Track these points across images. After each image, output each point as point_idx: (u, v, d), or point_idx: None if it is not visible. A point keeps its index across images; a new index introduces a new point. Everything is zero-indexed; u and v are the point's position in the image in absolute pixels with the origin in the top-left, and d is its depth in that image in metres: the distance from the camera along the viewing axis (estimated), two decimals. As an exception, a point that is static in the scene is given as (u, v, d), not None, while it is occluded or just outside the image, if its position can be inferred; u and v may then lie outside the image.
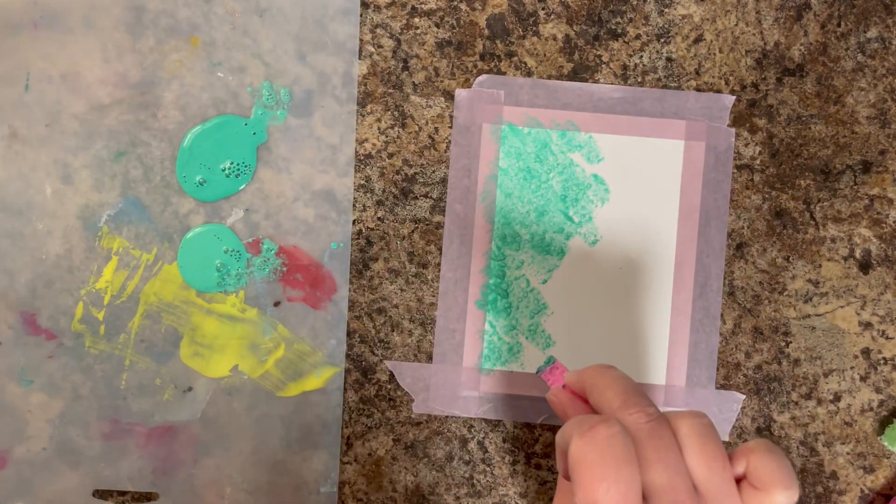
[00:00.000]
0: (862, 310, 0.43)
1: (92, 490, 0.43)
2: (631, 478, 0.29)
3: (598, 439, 0.30)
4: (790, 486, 0.31)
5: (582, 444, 0.30)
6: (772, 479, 0.31)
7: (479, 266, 0.43)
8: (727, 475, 0.31)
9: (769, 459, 0.31)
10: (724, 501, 0.30)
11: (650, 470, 0.30)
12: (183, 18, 0.42)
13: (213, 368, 0.43)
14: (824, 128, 0.43)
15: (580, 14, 0.43)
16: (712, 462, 0.31)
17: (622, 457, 0.29)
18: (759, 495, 0.31)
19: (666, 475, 0.30)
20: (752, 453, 0.32)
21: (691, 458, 0.31)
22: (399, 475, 0.44)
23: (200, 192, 0.42)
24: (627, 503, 0.29)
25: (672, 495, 0.30)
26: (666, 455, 0.31)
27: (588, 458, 0.29)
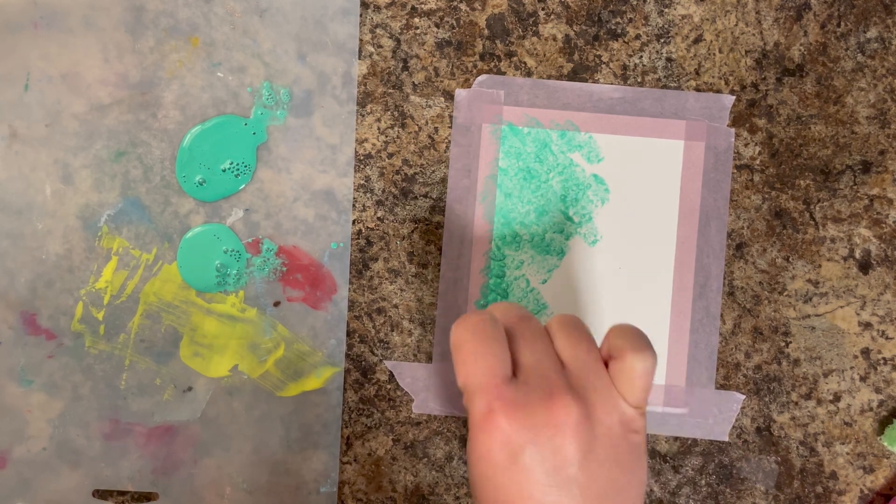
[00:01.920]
0: (862, 310, 0.43)
1: (92, 490, 0.43)
2: (498, 352, 0.33)
3: (469, 323, 0.34)
4: (642, 349, 0.33)
5: (456, 329, 0.34)
6: (625, 346, 0.33)
7: (479, 266, 0.43)
8: (592, 353, 0.34)
9: (623, 331, 0.34)
10: (589, 373, 0.33)
11: (520, 353, 0.34)
12: (183, 18, 0.42)
13: (212, 368, 0.43)
14: (824, 128, 0.43)
15: (580, 14, 0.43)
16: (577, 343, 0.34)
17: (490, 335, 0.33)
18: (619, 364, 0.33)
19: (534, 356, 0.34)
20: (611, 332, 0.34)
21: (558, 343, 0.34)
22: (399, 475, 0.44)
23: (200, 192, 0.42)
24: (495, 375, 0.32)
25: (539, 369, 0.33)
26: (534, 341, 0.34)
27: (461, 339, 0.34)
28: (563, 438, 0.31)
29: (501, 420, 0.31)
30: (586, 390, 0.33)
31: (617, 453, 0.32)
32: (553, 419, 0.31)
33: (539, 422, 0.31)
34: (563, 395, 0.32)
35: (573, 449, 0.31)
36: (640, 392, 0.33)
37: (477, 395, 0.32)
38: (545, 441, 0.31)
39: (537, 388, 0.32)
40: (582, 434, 0.32)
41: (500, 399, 0.32)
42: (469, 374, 0.33)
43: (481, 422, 0.32)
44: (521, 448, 0.31)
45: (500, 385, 0.32)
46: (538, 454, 0.31)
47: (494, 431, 0.31)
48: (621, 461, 0.32)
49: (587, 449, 0.32)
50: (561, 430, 0.31)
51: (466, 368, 0.33)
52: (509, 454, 0.31)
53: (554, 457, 0.31)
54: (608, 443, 0.32)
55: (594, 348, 0.34)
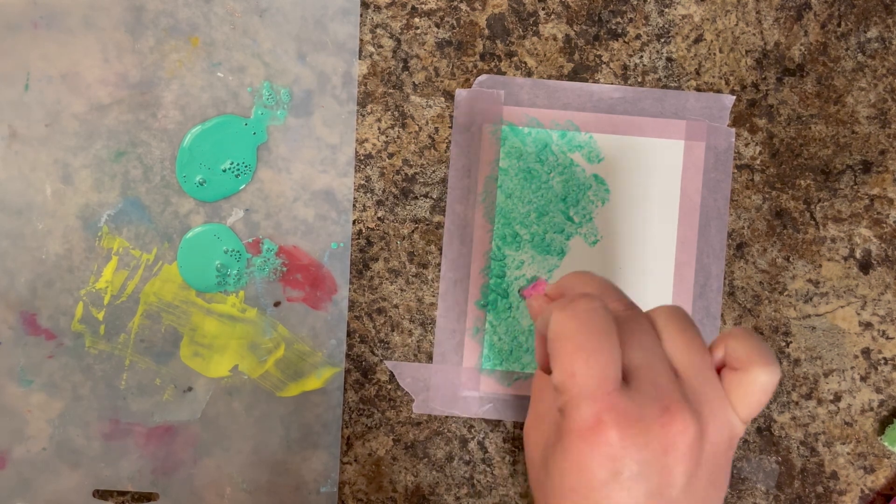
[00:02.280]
0: (862, 310, 0.43)
1: (92, 490, 0.43)
2: (612, 350, 0.29)
3: (579, 311, 0.29)
4: (770, 363, 0.30)
5: (562, 317, 0.29)
6: (750, 358, 0.30)
7: (479, 266, 0.43)
8: (706, 358, 0.30)
9: (746, 339, 0.30)
10: (704, 384, 0.30)
11: (629, 351, 0.30)
12: (183, 18, 0.42)
13: (213, 368, 0.43)
14: (824, 128, 0.43)
15: (580, 14, 0.43)
16: (690, 345, 0.30)
17: (603, 328, 0.29)
18: (739, 376, 0.30)
19: (644, 356, 0.30)
20: (730, 337, 0.31)
21: (669, 344, 0.31)
22: (399, 475, 0.44)
23: (200, 192, 0.42)
24: (607, 377, 0.28)
25: (651, 374, 0.29)
26: (643, 338, 0.30)
27: (568, 330, 0.29)
28: (675, 459, 0.28)
29: (612, 434, 0.28)
30: (700, 403, 0.29)
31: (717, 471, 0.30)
32: (668, 438, 0.28)
33: (652, 438, 0.28)
34: (681, 411, 0.28)
35: (681, 470, 0.28)
36: (756, 408, 0.30)
37: (584, 402, 0.28)
38: (654, 459, 0.28)
39: (652, 399, 0.29)
40: (693, 454, 0.29)
41: (613, 410, 0.28)
42: (576, 374, 0.28)
43: (585, 432, 0.28)
44: (626, 466, 0.28)
45: (613, 392, 0.28)
46: (643, 473, 0.28)
47: (601, 445, 0.28)
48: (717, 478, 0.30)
49: (694, 470, 0.29)
50: (674, 450, 0.28)
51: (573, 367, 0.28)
52: (612, 471, 0.28)
53: (660, 477, 0.28)
54: (712, 461, 0.30)
55: (707, 352, 0.31)
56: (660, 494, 0.28)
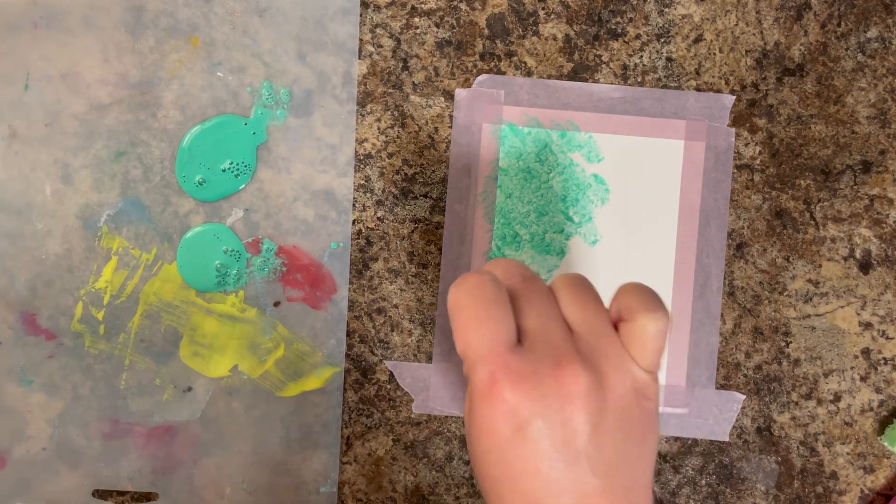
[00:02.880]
0: (862, 310, 0.43)
1: (92, 490, 0.43)
2: (501, 317, 0.30)
3: (469, 285, 0.31)
4: (654, 310, 0.31)
5: (455, 291, 0.31)
6: (637, 306, 0.31)
7: (479, 266, 0.43)
8: (600, 316, 0.32)
9: (633, 291, 0.32)
10: (599, 338, 0.31)
11: (525, 317, 0.31)
12: (183, 18, 0.42)
13: (212, 368, 0.43)
14: (824, 128, 0.43)
15: (580, 14, 0.43)
16: (584, 305, 0.32)
17: (491, 298, 0.31)
18: (630, 326, 0.31)
19: (539, 320, 0.31)
20: (619, 291, 0.32)
21: (565, 306, 0.32)
22: (399, 475, 0.44)
23: (200, 192, 0.42)
24: (498, 341, 0.30)
25: (545, 335, 0.31)
26: (539, 305, 0.32)
27: (460, 303, 0.31)
28: (573, 410, 0.29)
29: (506, 391, 0.29)
30: (597, 356, 0.30)
31: (628, 422, 0.30)
32: (562, 389, 0.29)
33: (547, 392, 0.29)
34: (572, 363, 0.30)
35: (583, 420, 0.29)
36: (654, 355, 0.31)
37: (479, 364, 0.30)
38: (553, 413, 0.29)
39: (544, 355, 0.30)
40: (592, 404, 0.30)
41: (505, 368, 0.29)
42: (469, 340, 0.30)
43: (484, 392, 0.30)
44: (527, 420, 0.29)
45: (505, 353, 0.30)
46: (545, 427, 0.29)
47: (498, 403, 0.29)
48: (633, 430, 0.31)
49: (597, 420, 0.30)
50: (570, 401, 0.29)
51: (466, 334, 0.30)
52: (514, 427, 0.29)
53: (562, 429, 0.29)
54: (620, 412, 0.30)
55: (603, 310, 0.32)
56: (566, 446, 0.29)
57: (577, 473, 0.29)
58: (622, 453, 0.30)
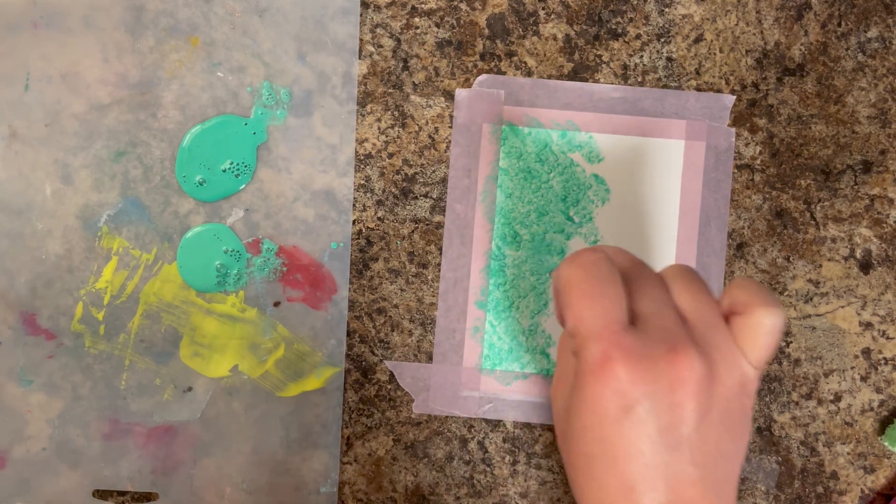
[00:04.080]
0: (862, 310, 0.43)
1: (92, 490, 0.43)
2: (616, 295, 0.30)
3: (584, 261, 0.31)
4: (772, 305, 0.31)
5: (568, 268, 0.31)
6: (753, 301, 0.31)
7: (479, 266, 0.43)
8: (713, 307, 0.32)
9: (749, 285, 0.32)
10: (711, 330, 0.31)
11: (638, 300, 0.31)
12: (183, 18, 0.42)
13: (212, 368, 0.43)
14: (825, 128, 0.43)
15: (580, 14, 0.43)
16: (697, 296, 0.32)
17: (606, 276, 0.31)
18: (745, 319, 0.31)
19: (653, 305, 0.31)
20: (733, 285, 0.32)
21: (677, 295, 0.32)
22: (399, 475, 0.44)
23: (200, 192, 0.42)
24: (611, 318, 0.30)
25: (659, 320, 0.31)
26: (652, 290, 0.32)
27: (574, 279, 0.31)
28: (684, 395, 0.29)
29: (619, 369, 0.29)
30: (709, 346, 0.30)
31: (730, 417, 0.30)
32: (675, 373, 0.29)
33: (660, 375, 0.29)
34: (687, 348, 0.29)
35: (691, 408, 0.29)
36: (765, 351, 0.31)
37: (592, 341, 0.30)
38: (663, 396, 0.29)
39: (659, 339, 0.30)
40: (703, 393, 0.29)
41: (619, 347, 0.29)
42: (583, 317, 0.30)
43: (595, 369, 0.29)
44: (636, 401, 0.29)
45: (620, 331, 0.30)
46: (654, 409, 0.29)
47: (610, 380, 0.29)
48: (733, 426, 0.30)
49: (705, 409, 0.29)
50: (682, 386, 0.29)
51: (581, 311, 0.30)
52: (622, 406, 0.29)
53: (670, 414, 0.29)
54: (724, 405, 0.30)
55: (714, 302, 0.32)
56: (671, 431, 0.29)
57: (677, 461, 0.29)
58: (720, 447, 0.30)
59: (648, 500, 0.29)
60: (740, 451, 0.31)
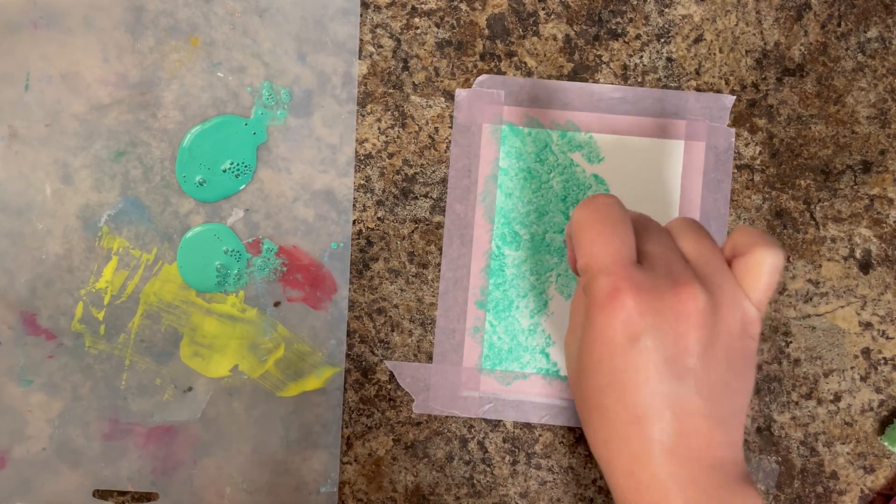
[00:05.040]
0: (862, 310, 0.43)
1: (92, 490, 0.43)
2: (626, 235, 0.32)
3: (597, 205, 0.33)
4: (772, 245, 0.32)
5: (582, 210, 0.33)
6: (754, 242, 0.32)
7: (479, 266, 0.43)
8: (716, 251, 0.33)
9: (749, 229, 0.33)
10: (714, 270, 0.32)
11: (645, 243, 0.33)
12: (183, 18, 0.42)
13: (213, 368, 0.43)
14: (824, 128, 0.43)
15: (580, 14, 0.43)
16: (701, 241, 0.34)
17: (617, 218, 0.33)
18: (746, 259, 0.33)
19: (659, 247, 0.33)
20: (735, 232, 0.34)
21: (681, 241, 0.34)
22: (399, 475, 0.44)
23: (200, 192, 0.42)
24: (622, 255, 0.32)
25: (664, 260, 0.32)
26: (658, 235, 0.34)
27: (587, 219, 0.33)
28: (688, 326, 0.31)
29: (627, 299, 0.31)
30: (711, 285, 0.32)
31: (733, 355, 0.32)
32: (679, 305, 0.31)
33: (665, 306, 0.31)
34: (691, 283, 0.31)
35: (695, 339, 0.31)
36: (766, 290, 0.32)
37: (602, 276, 0.31)
38: (668, 327, 0.31)
39: (664, 275, 0.32)
40: (706, 326, 0.31)
41: (628, 280, 0.31)
42: (595, 254, 0.32)
43: (604, 302, 0.31)
44: (643, 331, 0.31)
45: (628, 266, 0.31)
46: (660, 339, 0.31)
47: (618, 310, 0.31)
48: (735, 364, 0.32)
49: (708, 343, 0.31)
50: (686, 318, 0.31)
51: (592, 248, 0.32)
52: (630, 336, 0.31)
53: (675, 344, 0.31)
54: (727, 342, 0.32)
55: (717, 247, 0.34)
56: (676, 362, 0.31)
57: (684, 391, 0.31)
58: (725, 382, 0.32)
59: (656, 429, 0.31)
60: (746, 390, 0.32)
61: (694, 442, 0.31)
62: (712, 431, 0.31)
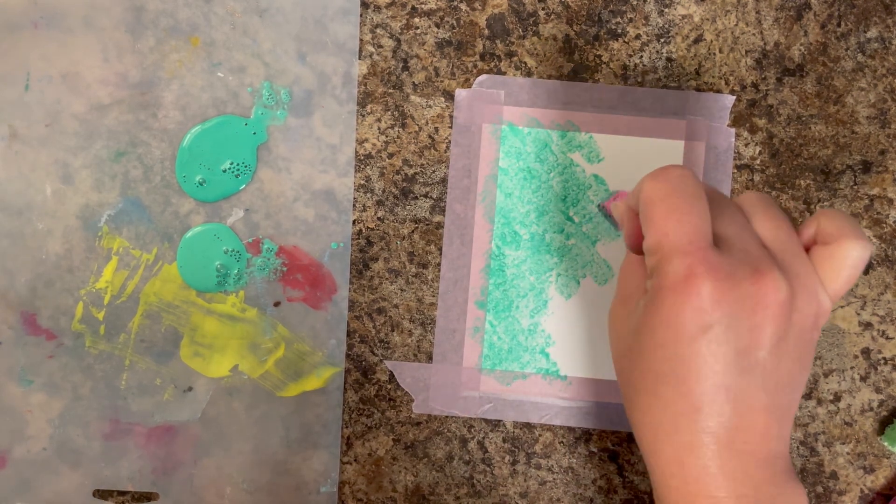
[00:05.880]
0: (862, 310, 0.43)
1: (92, 490, 0.43)
2: (703, 212, 0.29)
3: (672, 177, 0.30)
4: (862, 238, 0.30)
5: (654, 183, 0.30)
6: (842, 232, 0.30)
7: (479, 266, 0.43)
8: (793, 236, 0.31)
9: (838, 215, 0.31)
10: (792, 257, 0.30)
11: (719, 224, 0.30)
12: (183, 18, 0.42)
13: (213, 368, 0.43)
14: (824, 128, 0.43)
15: (580, 14, 0.43)
16: (778, 224, 0.31)
17: (693, 192, 0.30)
18: (830, 249, 0.30)
19: (735, 228, 0.30)
20: (821, 214, 0.31)
21: (757, 221, 0.31)
22: (399, 475, 0.44)
23: (200, 192, 0.42)
24: (700, 234, 0.29)
25: (742, 244, 0.30)
26: (733, 215, 0.31)
27: (661, 193, 0.30)
28: (765, 318, 0.29)
29: (704, 285, 0.28)
30: (789, 274, 0.30)
31: (802, 346, 0.30)
32: (759, 295, 0.29)
33: (743, 296, 0.28)
34: (773, 271, 0.29)
35: (770, 332, 0.29)
36: (846, 283, 0.30)
37: (676, 256, 0.29)
38: (745, 317, 0.29)
39: (743, 261, 0.29)
40: (783, 318, 0.29)
41: (705, 263, 0.28)
42: (668, 231, 0.29)
43: (677, 285, 0.29)
44: (716, 320, 0.28)
45: (706, 248, 0.29)
46: (733, 331, 0.28)
47: (693, 296, 0.28)
48: (803, 356, 0.30)
49: (782, 335, 0.29)
50: (764, 309, 0.29)
51: (666, 225, 0.29)
52: (701, 325, 0.28)
53: (749, 336, 0.29)
54: (799, 333, 0.30)
55: (795, 232, 0.31)
56: (747, 354, 0.29)
57: (748, 385, 0.29)
58: (791, 376, 0.30)
59: (714, 422, 0.29)
60: (804, 382, 0.31)
61: (750, 436, 0.29)
62: (770, 426, 0.30)
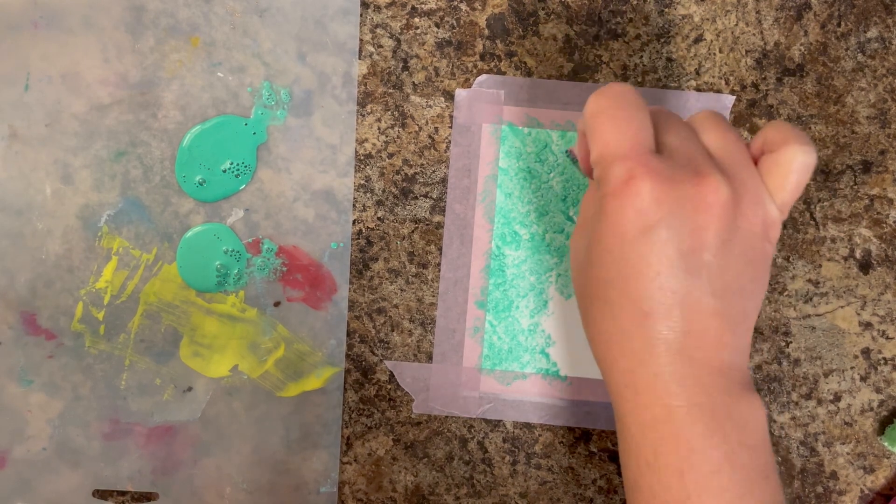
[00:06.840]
0: (862, 310, 0.43)
1: (92, 490, 0.43)
2: (643, 121, 0.30)
3: (612, 91, 0.30)
4: (806, 143, 0.30)
5: (596, 98, 0.31)
6: (786, 138, 0.30)
7: (479, 266, 0.43)
8: (741, 146, 0.31)
9: (783, 124, 0.31)
10: (738, 165, 0.30)
11: (664, 134, 0.31)
12: (183, 18, 0.42)
13: (213, 368, 0.43)
14: (824, 128, 0.43)
15: (580, 14, 0.43)
16: (725, 135, 0.31)
17: (634, 103, 0.30)
18: (775, 156, 0.30)
19: (679, 138, 0.31)
20: (767, 126, 0.31)
21: (704, 134, 0.31)
22: (399, 475, 0.44)
23: (200, 192, 0.42)
24: (639, 141, 0.29)
25: (686, 152, 0.30)
26: (678, 126, 0.31)
27: (601, 106, 0.30)
28: (707, 218, 0.29)
29: (643, 186, 0.28)
30: (734, 180, 0.29)
31: (751, 255, 0.30)
32: (699, 196, 0.28)
33: (683, 196, 0.28)
34: (713, 174, 0.29)
35: (713, 232, 0.29)
36: (793, 191, 0.30)
37: (617, 162, 0.29)
38: (687, 218, 0.28)
39: (685, 165, 0.29)
40: (726, 220, 0.29)
41: (645, 166, 0.28)
42: (609, 141, 0.29)
43: (618, 189, 0.29)
44: (658, 221, 0.28)
45: (646, 153, 0.29)
46: (675, 230, 0.28)
47: (633, 197, 0.28)
48: (752, 265, 0.30)
49: (726, 238, 0.29)
50: (706, 210, 0.28)
51: (606, 136, 0.30)
52: (643, 226, 0.28)
53: (691, 237, 0.28)
54: (746, 241, 0.29)
55: (743, 144, 0.31)
56: (691, 256, 0.28)
57: (695, 288, 0.29)
58: (740, 283, 0.29)
59: (663, 327, 0.29)
60: (759, 294, 0.30)
61: (702, 342, 0.29)
62: (722, 333, 0.29)
